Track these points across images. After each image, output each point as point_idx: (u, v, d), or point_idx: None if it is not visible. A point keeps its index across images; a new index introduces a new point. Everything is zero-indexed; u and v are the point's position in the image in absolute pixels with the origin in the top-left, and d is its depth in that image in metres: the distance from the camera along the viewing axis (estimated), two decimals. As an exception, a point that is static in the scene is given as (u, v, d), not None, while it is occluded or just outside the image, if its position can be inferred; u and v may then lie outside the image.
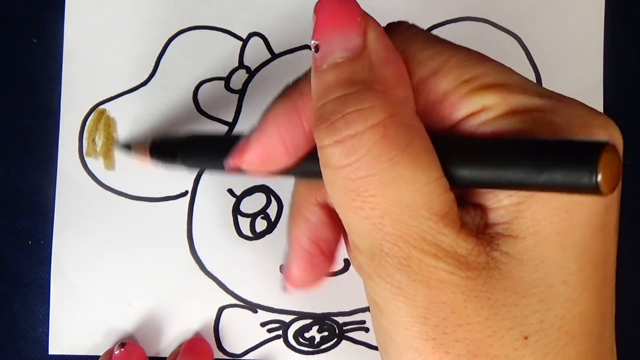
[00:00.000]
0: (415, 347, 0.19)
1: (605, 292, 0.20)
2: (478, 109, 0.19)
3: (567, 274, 0.19)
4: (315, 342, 0.34)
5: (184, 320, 0.34)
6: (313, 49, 0.19)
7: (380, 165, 0.18)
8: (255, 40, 0.34)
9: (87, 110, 0.34)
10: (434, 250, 0.18)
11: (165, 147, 0.29)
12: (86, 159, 0.34)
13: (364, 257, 0.19)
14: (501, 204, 0.19)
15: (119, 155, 0.34)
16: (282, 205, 0.34)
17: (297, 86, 0.21)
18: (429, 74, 0.20)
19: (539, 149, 0.17)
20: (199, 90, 0.34)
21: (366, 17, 0.19)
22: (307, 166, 0.22)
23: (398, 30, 0.21)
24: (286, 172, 0.22)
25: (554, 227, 0.18)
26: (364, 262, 0.19)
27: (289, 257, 0.25)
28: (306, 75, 0.22)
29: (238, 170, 0.23)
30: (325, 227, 0.24)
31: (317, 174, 0.22)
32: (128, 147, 0.33)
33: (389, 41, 0.19)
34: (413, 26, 0.21)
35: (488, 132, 0.19)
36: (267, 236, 0.34)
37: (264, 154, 0.22)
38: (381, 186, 0.18)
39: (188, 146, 0.28)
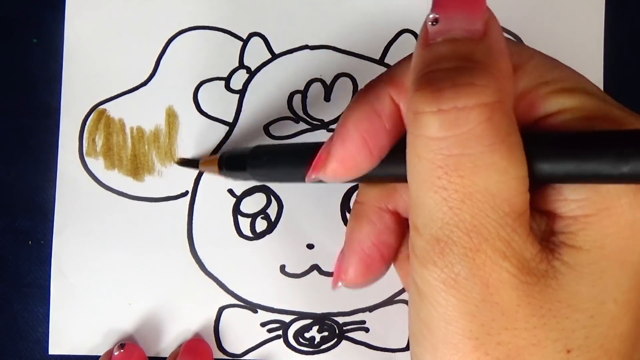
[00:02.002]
0: (454, 343, 0.19)
1: None
2: (556, 111, 0.19)
3: (619, 292, 0.18)
4: (315, 342, 0.34)
5: (184, 320, 0.34)
6: (430, 22, 0.19)
7: (480, 147, 0.17)
8: (255, 40, 0.34)
9: (87, 110, 0.34)
10: (504, 248, 0.18)
11: (232, 160, 0.29)
12: (86, 159, 0.34)
13: (424, 241, 0.19)
14: (572, 213, 0.18)
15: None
16: (282, 206, 0.34)
17: (371, 88, 0.21)
18: None
19: (623, 139, 0.17)
20: (199, 90, 0.34)
21: (489, 9, 0.19)
22: (387, 169, 0.21)
23: None
24: (365, 177, 0.22)
25: (618, 244, 0.18)
26: (422, 247, 0.19)
27: (346, 255, 0.24)
28: (378, 78, 0.21)
29: (316, 180, 0.22)
30: (391, 233, 0.23)
31: (395, 177, 0.21)
32: (195, 162, 0.33)
33: (504, 37, 0.19)
34: None
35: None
36: (267, 236, 0.34)
37: (349, 161, 0.21)
38: (473, 169, 0.17)
39: (256, 158, 0.27)
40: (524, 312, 0.18)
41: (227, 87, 0.34)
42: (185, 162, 0.34)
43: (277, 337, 0.34)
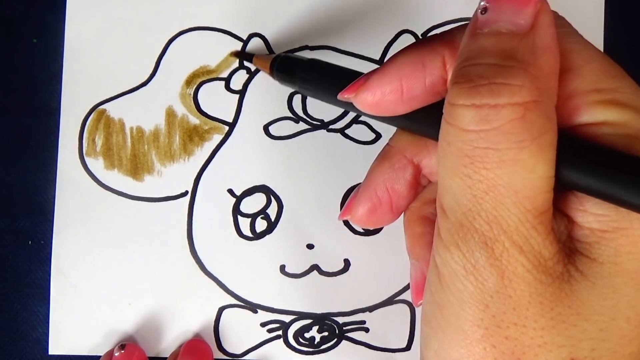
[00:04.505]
0: (464, 329, 0.19)
1: None
2: (600, 122, 0.19)
3: (633, 312, 0.18)
4: (315, 342, 0.34)
5: (184, 320, 0.34)
6: (480, 10, 0.19)
7: (507, 144, 0.18)
8: (255, 40, 0.34)
9: (87, 110, 0.34)
10: (522, 242, 0.18)
11: (286, 63, 0.30)
12: (86, 158, 0.34)
13: (450, 224, 0.19)
14: (589, 225, 0.19)
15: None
16: (282, 206, 0.34)
17: (429, 41, 0.21)
18: (563, 68, 0.19)
19: None
20: (199, 90, 0.34)
21: (543, 1, 0.19)
22: (416, 121, 0.22)
23: None
24: (392, 120, 0.23)
25: (634, 264, 0.18)
26: (447, 229, 0.19)
27: (360, 192, 0.25)
28: (440, 35, 0.22)
29: (348, 103, 0.23)
30: (406, 184, 0.24)
31: (422, 131, 0.22)
32: (250, 56, 0.33)
33: (555, 31, 0.19)
34: (561, 17, 0.21)
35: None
36: (267, 236, 0.34)
37: (380, 97, 0.22)
38: (499, 163, 0.18)
39: (308, 68, 0.28)
40: (534, 310, 0.18)
41: (227, 87, 0.34)
42: (240, 54, 0.34)
43: (277, 337, 0.34)
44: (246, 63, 0.34)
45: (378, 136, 0.34)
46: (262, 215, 0.34)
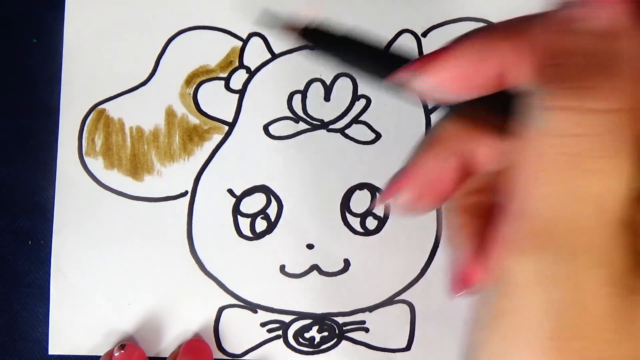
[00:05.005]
0: (529, 340, 0.18)
1: None
2: None
3: None
4: (315, 342, 0.34)
5: (184, 320, 0.34)
6: (570, 5, 0.18)
7: (598, 152, 0.17)
8: (255, 40, 0.34)
9: (87, 110, 0.34)
10: (601, 255, 0.17)
11: (321, 33, 0.28)
12: (85, 158, 0.34)
13: (527, 231, 0.18)
14: None
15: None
16: (282, 206, 0.34)
17: (497, 29, 0.20)
18: None
19: None
20: (199, 90, 0.34)
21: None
22: (476, 109, 0.20)
23: None
24: (448, 106, 0.21)
25: None
26: (524, 236, 0.18)
27: (404, 177, 0.23)
28: (512, 24, 0.20)
29: (398, 87, 0.21)
30: (452, 175, 0.23)
31: (480, 120, 0.21)
32: (273, 22, 0.32)
33: None
34: None
35: None
36: (267, 236, 0.34)
37: (441, 81, 0.19)
38: (587, 171, 0.17)
39: (347, 40, 0.26)
40: (609, 325, 0.18)
41: (227, 87, 0.34)
42: (268, 18, 0.32)
43: (277, 337, 0.34)
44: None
45: (378, 136, 0.34)
46: (262, 215, 0.34)
